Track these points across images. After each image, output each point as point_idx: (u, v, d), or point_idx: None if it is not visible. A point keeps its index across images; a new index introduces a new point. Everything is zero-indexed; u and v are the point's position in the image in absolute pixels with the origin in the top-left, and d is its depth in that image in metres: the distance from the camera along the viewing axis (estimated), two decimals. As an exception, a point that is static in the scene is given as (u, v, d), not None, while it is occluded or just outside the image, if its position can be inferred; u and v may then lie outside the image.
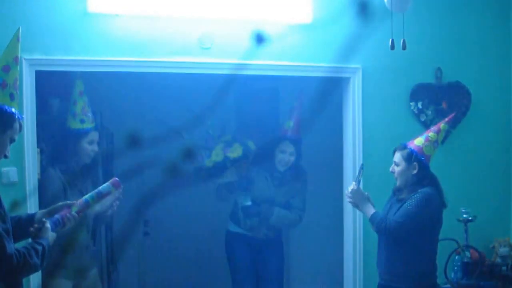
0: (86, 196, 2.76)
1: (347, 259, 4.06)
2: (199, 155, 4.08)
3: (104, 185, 2.79)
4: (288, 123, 4.27)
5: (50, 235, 2.42)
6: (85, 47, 3.57)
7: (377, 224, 3.37)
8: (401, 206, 3.37)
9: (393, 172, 3.47)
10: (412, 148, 3.43)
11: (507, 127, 4.22)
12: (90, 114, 3.59)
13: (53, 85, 3.90)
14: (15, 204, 2.53)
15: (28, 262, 2.24)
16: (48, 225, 2.44)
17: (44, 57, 3.50)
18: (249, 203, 4.16)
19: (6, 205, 2.39)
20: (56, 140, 3.64)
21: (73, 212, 2.60)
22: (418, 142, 3.48)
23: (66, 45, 3.54)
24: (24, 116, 3.40)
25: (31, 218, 2.55)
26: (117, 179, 2.82)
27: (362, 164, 3.52)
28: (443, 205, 3.44)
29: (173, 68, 3.73)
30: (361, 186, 3.53)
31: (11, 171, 3.49)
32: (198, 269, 4.25)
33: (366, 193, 3.45)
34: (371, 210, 3.42)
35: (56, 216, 2.58)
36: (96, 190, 2.79)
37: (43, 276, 3.30)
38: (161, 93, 4.76)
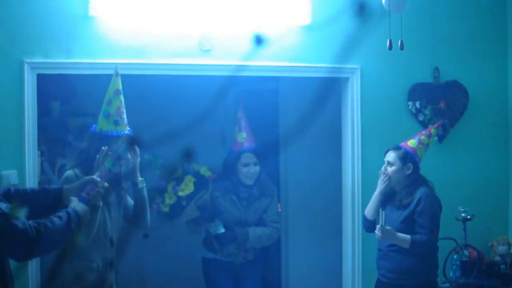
0: (106, 164, 2.74)
1: (346, 258, 4.08)
2: (154, 203, 3.83)
3: (121, 146, 2.80)
4: (241, 136, 4.05)
5: (77, 205, 2.49)
6: (86, 50, 3.59)
7: (422, 245, 3.41)
8: (410, 213, 3.45)
9: (384, 173, 3.53)
10: (407, 149, 3.50)
11: (505, 125, 4.24)
12: (125, 116, 3.24)
13: (54, 88, 3.91)
14: (14, 207, 2.54)
15: (49, 228, 2.29)
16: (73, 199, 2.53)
17: (45, 60, 3.52)
18: (222, 230, 3.93)
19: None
20: (85, 145, 3.26)
21: (96, 185, 2.63)
22: (411, 143, 3.55)
23: (67, 48, 3.55)
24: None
25: (58, 193, 2.60)
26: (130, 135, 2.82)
27: (382, 210, 3.52)
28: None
29: (173, 70, 3.75)
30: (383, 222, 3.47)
31: (11, 174, 3.49)
32: (199, 271, 4.24)
33: (388, 227, 3.42)
34: (405, 238, 3.41)
35: (82, 194, 2.60)
36: (114, 155, 2.77)
37: None
38: (161, 95, 4.77)
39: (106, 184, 2.71)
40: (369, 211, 3.68)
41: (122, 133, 3.19)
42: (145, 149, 3.75)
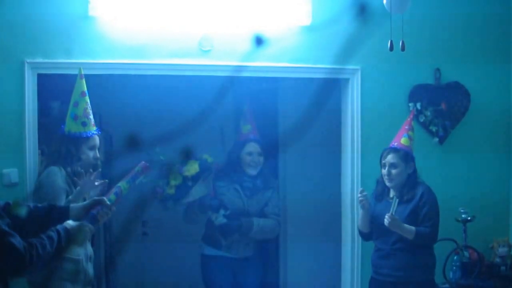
0: (118, 186, 2.72)
1: (345, 256, 4.08)
2: (158, 187, 3.84)
3: (134, 171, 2.77)
4: (246, 127, 4.11)
5: (69, 223, 2.46)
6: (86, 50, 3.60)
7: (425, 237, 3.46)
8: (415, 207, 3.49)
9: (388, 175, 3.54)
10: (405, 149, 3.56)
11: (506, 127, 4.23)
12: (92, 117, 3.36)
13: (54, 88, 3.92)
14: (15, 205, 2.55)
15: (40, 253, 2.26)
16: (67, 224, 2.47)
17: (45, 60, 3.53)
18: (224, 220, 3.92)
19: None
20: (55, 145, 3.39)
21: (108, 202, 2.61)
22: (405, 142, 3.57)
23: (67, 48, 3.56)
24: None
25: (64, 212, 2.57)
26: (146, 163, 2.78)
27: (395, 197, 3.54)
28: None
29: (173, 70, 3.75)
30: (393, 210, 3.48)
31: (12, 173, 3.52)
32: (197, 270, 4.25)
33: (397, 217, 3.45)
34: (410, 229, 3.45)
35: (92, 212, 2.59)
36: (126, 178, 2.74)
37: None
38: (161, 96, 4.77)
39: (114, 208, 2.69)
40: (362, 225, 3.69)
41: (90, 133, 3.33)
42: (146, 148, 3.76)
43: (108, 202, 2.62)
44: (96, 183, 3.27)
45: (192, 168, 3.87)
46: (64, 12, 3.54)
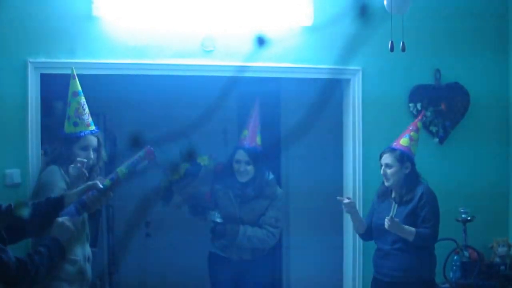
0: (116, 171, 2.58)
1: (347, 259, 4.10)
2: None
3: (136, 156, 2.57)
4: (244, 133, 4.05)
5: (59, 233, 2.37)
6: (89, 50, 3.61)
7: (425, 238, 3.47)
8: (413, 208, 3.50)
9: (384, 175, 3.57)
10: (402, 149, 3.56)
11: (506, 127, 4.25)
12: (86, 117, 3.33)
13: (57, 88, 3.94)
14: (18, 206, 2.56)
15: (29, 272, 2.20)
16: (58, 222, 2.40)
17: (49, 60, 3.54)
18: (211, 224, 3.97)
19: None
20: (54, 146, 3.42)
21: (101, 186, 2.50)
22: (404, 142, 3.58)
23: (70, 48, 3.58)
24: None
25: (59, 201, 2.53)
26: (150, 148, 2.57)
27: (393, 201, 3.55)
28: None
29: (176, 70, 3.77)
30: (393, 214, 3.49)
31: (14, 173, 3.52)
32: (201, 271, 4.26)
33: (397, 219, 3.45)
34: (411, 230, 3.46)
35: (83, 197, 2.50)
36: (127, 163, 2.58)
37: None
38: (164, 96, 4.79)
39: (111, 193, 2.58)
40: (356, 228, 3.73)
41: (82, 133, 3.31)
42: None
43: (101, 186, 2.52)
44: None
45: (176, 174, 3.89)
46: (67, 12, 3.56)
